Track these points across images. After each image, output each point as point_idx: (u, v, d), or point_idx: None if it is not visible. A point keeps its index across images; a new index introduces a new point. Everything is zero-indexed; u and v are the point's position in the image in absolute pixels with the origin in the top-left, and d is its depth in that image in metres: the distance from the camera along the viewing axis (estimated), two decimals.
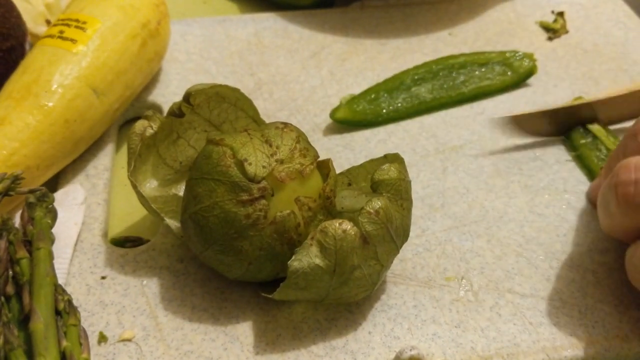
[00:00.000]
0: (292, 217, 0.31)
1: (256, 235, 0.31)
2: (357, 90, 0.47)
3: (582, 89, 0.48)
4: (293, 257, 0.30)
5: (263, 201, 0.31)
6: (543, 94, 0.47)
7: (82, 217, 0.38)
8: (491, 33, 0.53)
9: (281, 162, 0.32)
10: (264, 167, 0.31)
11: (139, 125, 0.35)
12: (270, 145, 0.32)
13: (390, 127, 0.45)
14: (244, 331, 0.33)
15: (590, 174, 0.41)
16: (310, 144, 0.34)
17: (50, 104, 0.38)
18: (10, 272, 0.32)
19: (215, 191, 0.31)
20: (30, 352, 0.29)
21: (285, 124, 0.33)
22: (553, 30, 0.53)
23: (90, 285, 0.34)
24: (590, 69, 0.50)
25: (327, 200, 0.32)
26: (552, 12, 0.55)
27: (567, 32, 0.53)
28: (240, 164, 0.31)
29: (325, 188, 0.32)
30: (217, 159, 0.31)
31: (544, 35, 0.53)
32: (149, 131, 0.35)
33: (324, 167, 0.33)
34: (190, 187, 0.32)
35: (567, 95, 0.47)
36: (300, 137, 0.33)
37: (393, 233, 0.31)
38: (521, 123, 0.42)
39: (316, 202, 0.32)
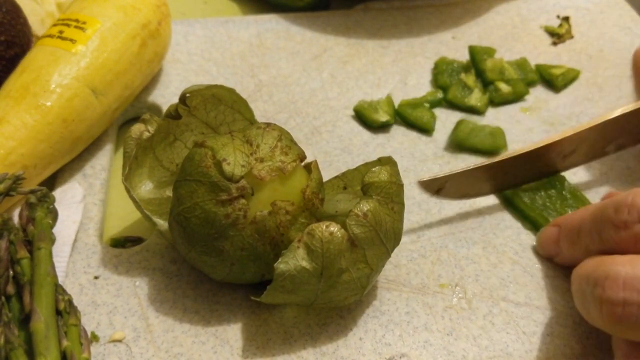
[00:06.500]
0: (272, 217, 0.31)
1: (237, 235, 0.31)
2: (358, 93, 0.47)
3: (586, 95, 0.47)
4: (279, 260, 0.30)
5: (242, 200, 0.31)
6: (545, 101, 0.47)
7: (81, 215, 0.38)
8: (495, 37, 0.52)
9: (261, 160, 0.32)
10: (242, 166, 0.31)
11: (135, 129, 0.35)
12: (251, 145, 0.32)
13: (391, 131, 0.44)
14: (234, 334, 0.33)
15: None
16: (294, 143, 0.33)
17: (49, 104, 0.38)
18: (11, 272, 0.32)
19: (196, 192, 0.31)
20: (31, 352, 0.29)
21: (268, 124, 0.33)
22: (558, 35, 0.52)
23: (83, 285, 0.35)
24: (595, 74, 0.49)
25: (309, 203, 0.32)
26: (558, 16, 0.54)
27: (572, 37, 0.52)
28: (219, 164, 0.31)
29: (306, 190, 0.32)
30: (199, 161, 0.31)
31: (548, 40, 0.52)
32: (146, 134, 0.35)
33: (310, 169, 0.33)
34: (175, 189, 0.32)
35: (569, 100, 0.47)
36: (283, 135, 0.33)
37: (383, 236, 0.31)
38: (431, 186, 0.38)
39: (294, 206, 0.32)
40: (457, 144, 0.43)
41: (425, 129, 0.44)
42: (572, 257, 0.34)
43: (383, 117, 0.44)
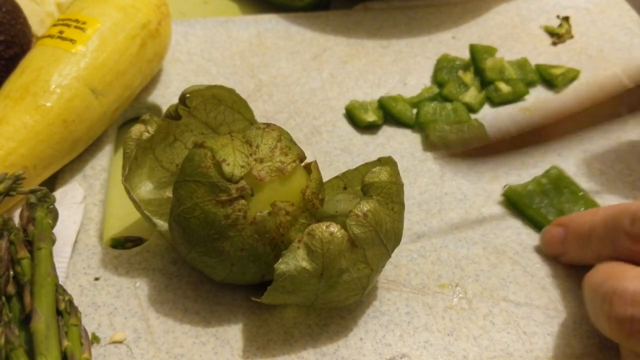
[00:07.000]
0: (272, 217, 0.31)
1: (237, 235, 0.31)
2: (358, 93, 0.47)
3: (585, 95, 0.47)
4: (280, 260, 0.30)
5: (242, 201, 0.31)
6: (545, 100, 0.47)
7: (82, 216, 0.38)
8: (495, 37, 0.52)
9: (261, 161, 0.32)
10: (242, 166, 0.31)
11: (135, 130, 0.35)
12: (250, 145, 0.32)
13: (390, 131, 0.44)
14: (234, 335, 0.33)
15: None
16: (294, 143, 0.33)
17: (48, 104, 0.38)
18: (12, 272, 0.32)
19: (196, 192, 0.31)
20: (31, 352, 0.29)
21: (268, 124, 0.33)
22: (557, 35, 0.52)
23: (83, 287, 0.35)
24: (594, 74, 0.49)
25: (309, 203, 0.32)
26: (558, 16, 0.54)
27: (572, 37, 0.52)
28: (219, 165, 0.31)
29: (306, 190, 0.32)
30: (198, 161, 0.32)
31: (548, 39, 0.52)
32: (146, 135, 0.35)
33: (309, 169, 0.33)
34: (175, 190, 0.33)
35: (569, 100, 0.47)
36: (283, 136, 0.33)
37: (383, 236, 0.31)
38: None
39: (294, 206, 0.32)
40: (424, 126, 0.44)
41: (408, 124, 0.45)
42: (579, 259, 0.34)
43: (371, 117, 0.44)
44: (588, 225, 0.33)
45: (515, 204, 0.39)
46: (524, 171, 0.41)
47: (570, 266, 0.36)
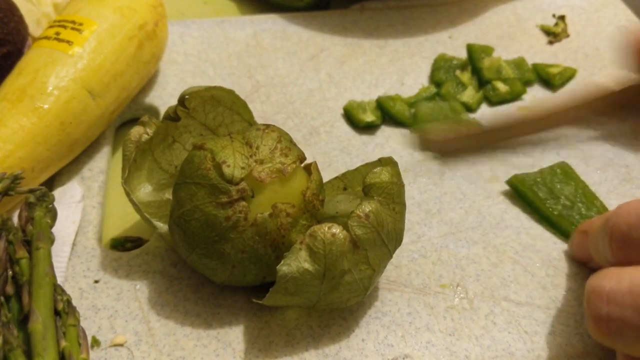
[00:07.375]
0: (273, 219, 0.31)
1: (237, 237, 0.31)
2: (355, 93, 0.47)
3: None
4: (282, 262, 0.29)
5: (242, 203, 0.31)
6: (542, 100, 0.47)
7: (80, 215, 0.38)
8: (491, 36, 0.52)
9: (261, 162, 0.32)
10: (242, 168, 0.31)
11: (135, 132, 0.35)
12: (250, 147, 0.32)
13: (388, 131, 0.44)
14: (236, 337, 0.33)
15: None
16: (294, 144, 0.33)
17: (46, 106, 0.38)
18: (10, 272, 0.32)
19: (196, 195, 0.31)
20: (30, 353, 0.29)
21: (267, 126, 0.33)
22: (554, 34, 0.53)
23: (83, 289, 0.34)
24: (591, 73, 0.49)
25: (310, 204, 0.32)
26: (553, 15, 0.54)
27: (568, 36, 0.53)
28: (219, 167, 0.31)
29: (306, 192, 0.32)
30: (198, 163, 0.31)
31: (544, 38, 0.52)
32: (145, 137, 0.35)
33: (309, 170, 0.33)
34: (175, 192, 0.32)
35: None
36: (282, 137, 0.33)
37: (385, 237, 0.31)
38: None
39: (295, 208, 0.31)
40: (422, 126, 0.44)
41: (407, 124, 0.45)
42: (600, 264, 0.33)
43: (369, 117, 0.44)
44: (597, 229, 0.32)
45: (520, 191, 0.39)
46: (522, 171, 0.42)
47: (570, 266, 0.36)
